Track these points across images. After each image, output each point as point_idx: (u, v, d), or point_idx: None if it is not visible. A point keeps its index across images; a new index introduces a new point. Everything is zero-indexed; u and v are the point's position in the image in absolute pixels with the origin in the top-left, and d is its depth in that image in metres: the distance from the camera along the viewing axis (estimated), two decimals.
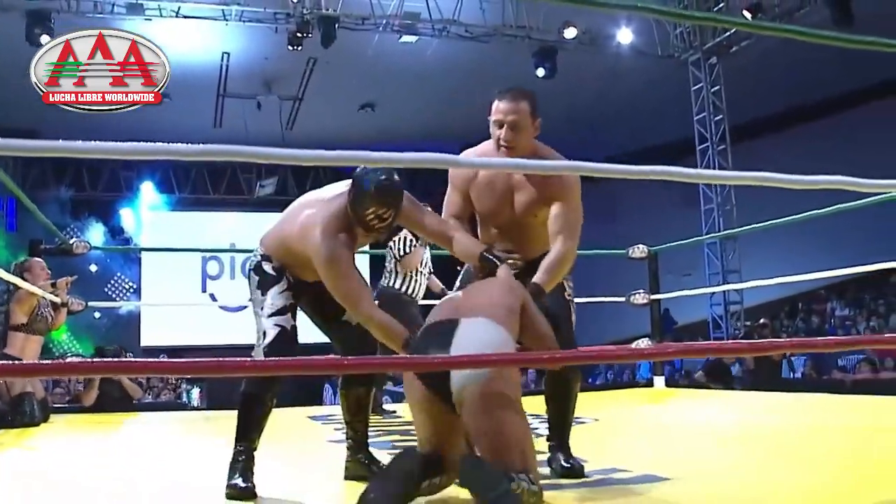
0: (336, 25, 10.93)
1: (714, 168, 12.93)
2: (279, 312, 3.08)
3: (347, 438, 3.22)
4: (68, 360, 5.06)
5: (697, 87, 13.03)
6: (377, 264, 7.76)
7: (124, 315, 17.03)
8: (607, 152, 18.01)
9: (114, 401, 6.39)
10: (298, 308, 3.21)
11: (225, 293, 17.89)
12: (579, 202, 3.20)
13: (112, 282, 17.81)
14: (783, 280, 6.66)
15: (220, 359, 1.77)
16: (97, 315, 16.25)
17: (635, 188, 19.21)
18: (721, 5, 12.35)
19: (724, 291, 12.40)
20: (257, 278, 3.19)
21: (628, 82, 13.53)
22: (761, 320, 9.77)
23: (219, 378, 15.51)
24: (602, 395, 7.60)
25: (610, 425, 4.82)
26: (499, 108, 3.16)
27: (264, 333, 3.08)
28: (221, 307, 17.08)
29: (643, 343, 7.56)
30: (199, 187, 18.53)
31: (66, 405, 7.69)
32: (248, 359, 2.59)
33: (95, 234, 17.13)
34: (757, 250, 13.22)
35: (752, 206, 12.50)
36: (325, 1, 10.94)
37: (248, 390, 3.04)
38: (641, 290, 7.64)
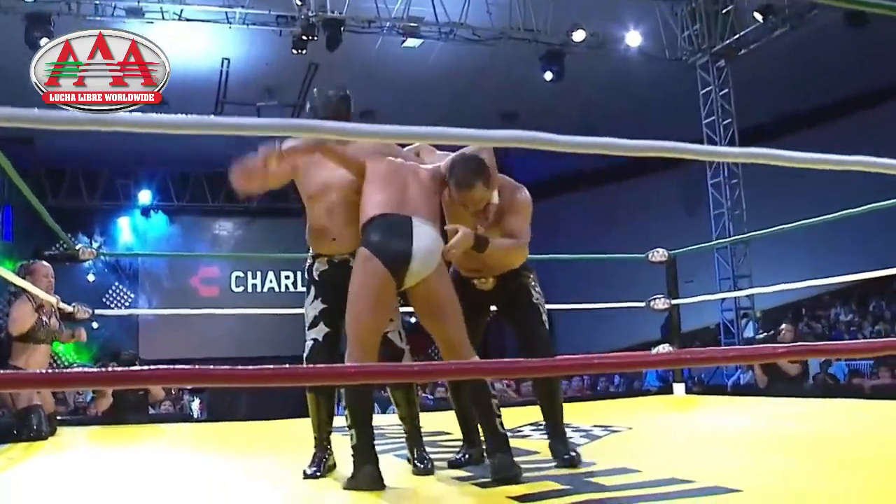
0: (342, 28, 10.73)
1: (723, 173, 12.76)
2: (312, 325, 3.46)
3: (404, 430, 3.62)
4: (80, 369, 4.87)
5: (706, 90, 12.85)
6: None
7: (123, 326, 16.77)
8: (620, 156, 17.78)
9: (129, 406, 6.14)
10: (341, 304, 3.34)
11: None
12: (528, 219, 3.60)
13: (110, 292, 17.58)
14: (797, 285, 6.50)
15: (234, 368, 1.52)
16: (95, 325, 16.00)
17: (635, 195, 19.08)
18: (730, 7, 12.21)
19: (734, 297, 12.19)
20: (306, 286, 3.58)
21: (636, 85, 13.37)
22: (782, 325, 9.40)
23: (219, 389, 15.29)
24: (620, 404, 7.37)
25: (647, 434, 4.59)
26: (458, 200, 3.42)
27: (306, 346, 3.46)
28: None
29: (663, 349, 7.37)
30: (198, 196, 18.29)
31: (69, 417, 7.43)
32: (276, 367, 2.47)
33: (93, 243, 16.92)
34: (766, 255, 13.03)
35: (761, 211, 12.35)
36: (331, 3, 10.74)
37: (307, 392, 3.54)
38: (661, 296, 7.44)
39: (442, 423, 4.68)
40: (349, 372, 1.73)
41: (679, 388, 7.52)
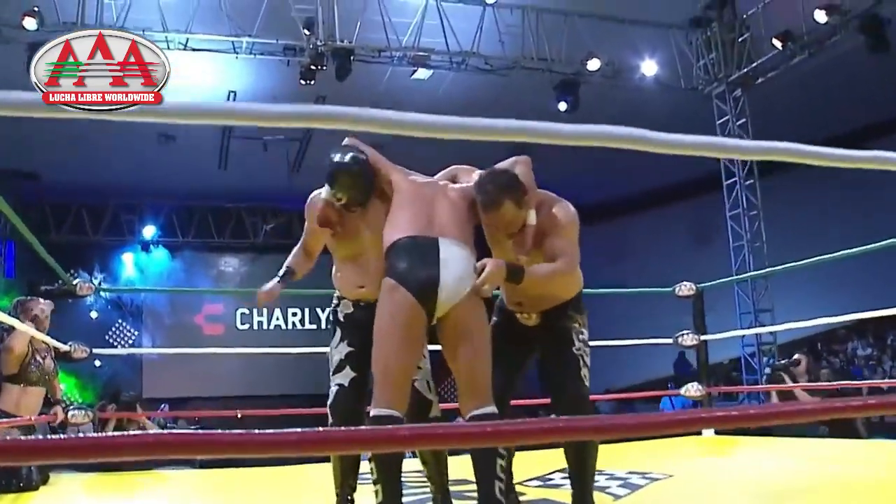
0: (351, 58, 10.47)
1: (742, 205, 12.40)
2: (337, 369, 3.25)
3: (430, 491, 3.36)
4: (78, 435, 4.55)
5: (723, 120, 12.54)
6: None
7: (126, 364, 16.39)
8: (632, 188, 17.52)
9: None
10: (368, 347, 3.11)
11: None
12: (573, 238, 3.19)
13: (113, 329, 17.22)
14: (817, 321, 6.25)
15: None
16: (98, 363, 15.63)
17: (645, 228, 18.76)
18: (747, 35, 11.95)
19: (756, 333, 11.79)
20: (331, 328, 3.40)
21: (652, 116, 12.98)
22: (795, 355, 9.06)
23: (225, 427, 14.92)
24: (650, 446, 6.96)
25: (692, 483, 4.22)
26: (487, 221, 3.12)
27: (331, 393, 3.26)
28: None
29: (693, 388, 7.00)
30: (203, 231, 17.98)
31: (66, 462, 7.07)
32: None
33: (94, 279, 16.57)
34: (784, 288, 12.65)
35: (781, 243, 12.01)
36: (340, 32, 10.49)
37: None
38: (688, 331, 7.08)
39: (468, 469, 4.31)
40: (400, 435, 1.33)
41: (708, 429, 7.16)
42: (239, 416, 6.40)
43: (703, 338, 7.04)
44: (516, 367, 3.27)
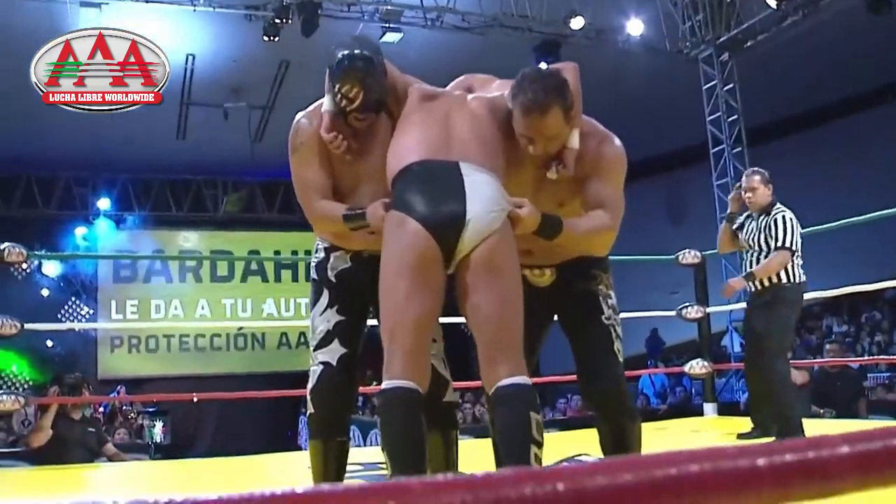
0: (318, 12, 9.72)
1: (730, 174, 11.84)
2: (322, 343, 2.60)
3: None
4: None
5: (710, 85, 11.96)
6: None
7: (79, 343, 15.52)
8: None
9: (75, 443, 5.06)
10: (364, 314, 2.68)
11: None
12: (621, 185, 2.56)
13: (66, 308, 16.29)
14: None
15: None
16: (49, 343, 14.81)
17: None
18: None
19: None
20: (310, 287, 2.71)
21: (635, 80, 12.43)
22: None
23: (185, 409, 14.22)
24: (654, 428, 6.40)
25: None
26: (524, 131, 2.38)
27: (312, 373, 2.62)
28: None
29: (697, 365, 6.46)
30: (160, 204, 17.09)
31: (8, 451, 6.32)
32: None
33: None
34: None
35: None
36: None
37: (310, 438, 2.63)
38: (690, 303, 6.52)
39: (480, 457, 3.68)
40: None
41: (710, 408, 6.66)
42: (195, 399, 5.77)
43: (707, 310, 6.49)
44: (530, 345, 2.48)
